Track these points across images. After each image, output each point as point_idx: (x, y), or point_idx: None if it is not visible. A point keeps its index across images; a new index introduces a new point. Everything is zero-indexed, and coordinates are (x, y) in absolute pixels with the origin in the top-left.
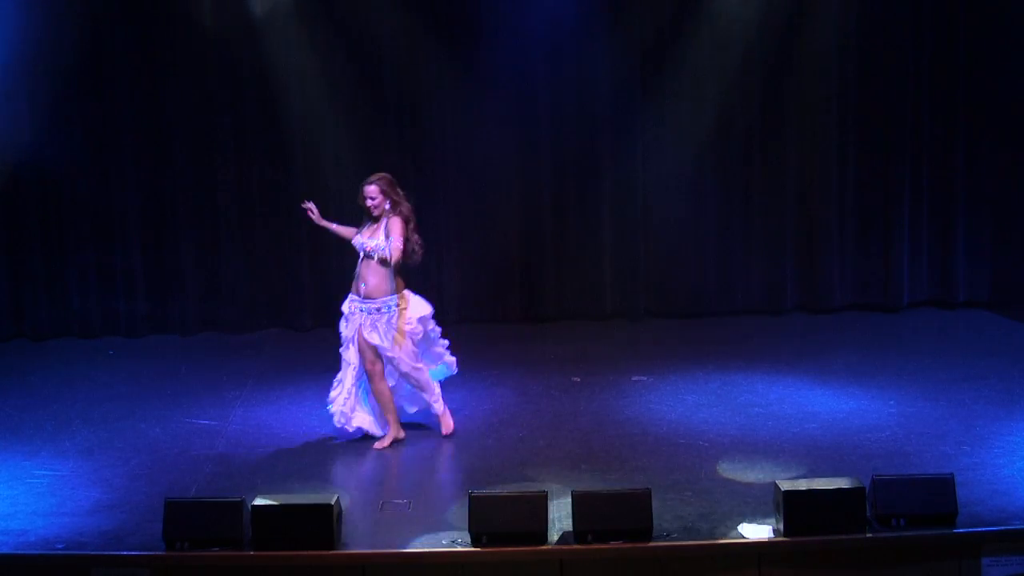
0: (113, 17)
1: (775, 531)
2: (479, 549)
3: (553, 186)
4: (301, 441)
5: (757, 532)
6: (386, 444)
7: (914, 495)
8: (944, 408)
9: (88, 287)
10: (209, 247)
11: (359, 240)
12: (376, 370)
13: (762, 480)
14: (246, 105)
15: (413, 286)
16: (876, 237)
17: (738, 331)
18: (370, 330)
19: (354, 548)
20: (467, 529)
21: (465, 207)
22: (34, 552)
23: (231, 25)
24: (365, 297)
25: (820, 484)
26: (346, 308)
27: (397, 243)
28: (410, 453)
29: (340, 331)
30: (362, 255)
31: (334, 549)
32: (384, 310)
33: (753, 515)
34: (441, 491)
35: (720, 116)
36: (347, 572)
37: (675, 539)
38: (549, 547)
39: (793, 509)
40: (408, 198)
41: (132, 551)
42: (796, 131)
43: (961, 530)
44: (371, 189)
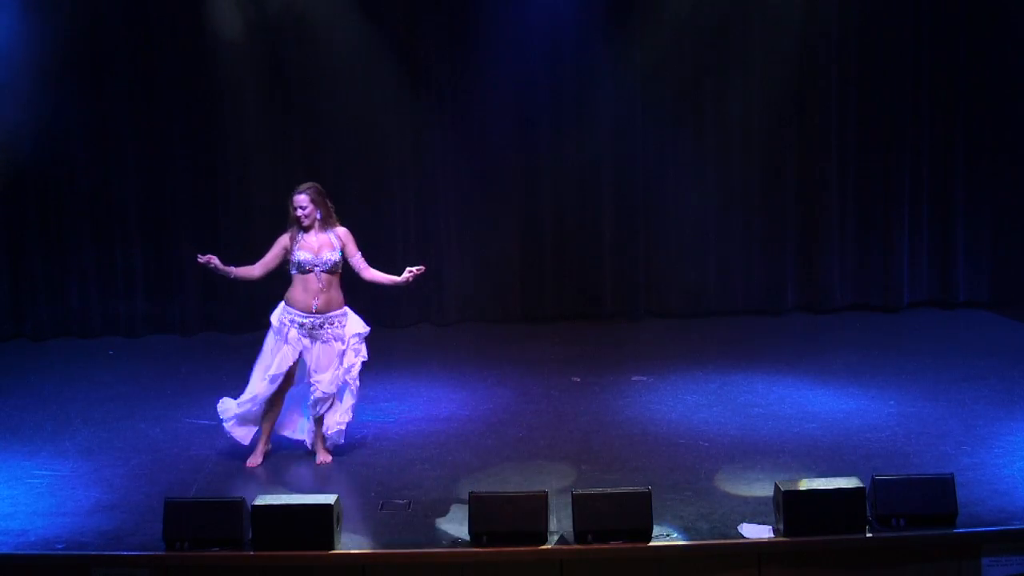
0: (113, 17)
1: (775, 531)
2: (479, 549)
3: (553, 186)
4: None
5: (757, 532)
6: (260, 460)
7: (914, 495)
8: (944, 408)
9: (88, 287)
10: (209, 247)
11: (305, 256)
12: (286, 387)
13: (762, 480)
14: (247, 105)
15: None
16: (876, 237)
17: (738, 331)
18: (328, 344)
19: (354, 548)
20: (467, 529)
21: (465, 207)
22: (34, 552)
23: (232, 25)
24: (320, 312)
25: (820, 484)
26: (289, 329)
27: (359, 257)
28: (410, 453)
29: (277, 358)
30: (317, 271)
31: (334, 549)
32: (342, 321)
33: (753, 515)
34: (441, 491)
35: (720, 116)
36: (347, 572)
37: (675, 539)
38: (549, 547)
39: (793, 509)
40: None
41: (132, 551)
42: (796, 131)
43: (961, 530)
44: (301, 199)
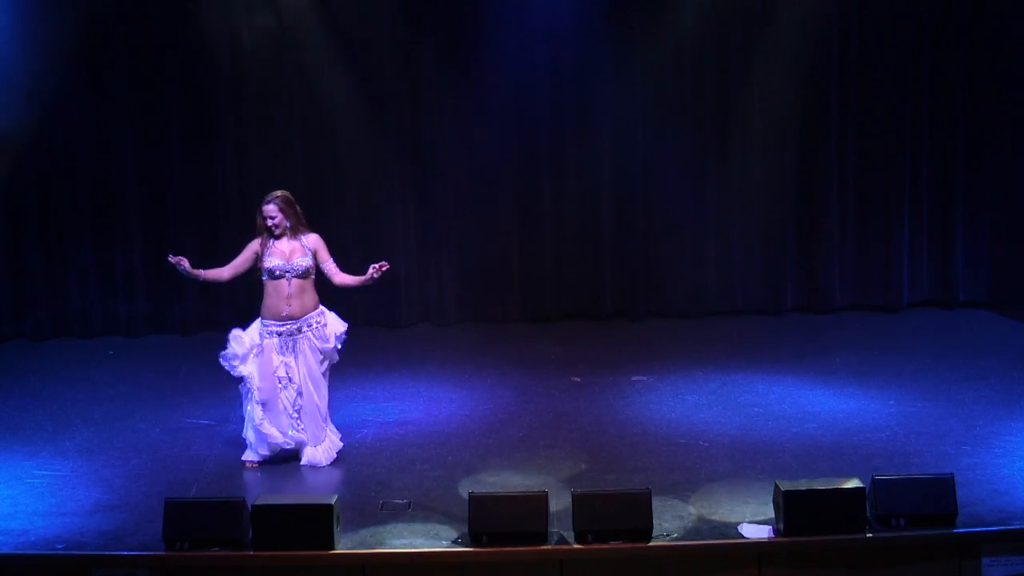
0: (113, 17)
1: (775, 531)
2: (479, 549)
3: (553, 186)
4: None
5: (757, 532)
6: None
7: (914, 495)
8: (944, 408)
9: (88, 287)
10: (209, 247)
11: (276, 263)
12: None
13: (762, 480)
14: (247, 105)
15: (415, 284)
16: (876, 237)
17: (738, 331)
18: (300, 347)
19: (354, 548)
20: (467, 529)
21: (465, 207)
22: (34, 552)
23: (232, 25)
24: (293, 318)
25: (820, 484)
26: (259, 338)
27: (331, 263)
28: (410, 453)
29: (258, 380)
30: (289, 276)
31: (334, 549)
32: (320, 320)
33: (753, 515)
34: (441, 491)
35: (720, 116)
36: (347, 572)
37: (675, 539)
38: (549, 547)
39: (793, 509)
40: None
41: (132, 551)
42: (796, 131)
43: (961, 530)
44: (270, 208)
